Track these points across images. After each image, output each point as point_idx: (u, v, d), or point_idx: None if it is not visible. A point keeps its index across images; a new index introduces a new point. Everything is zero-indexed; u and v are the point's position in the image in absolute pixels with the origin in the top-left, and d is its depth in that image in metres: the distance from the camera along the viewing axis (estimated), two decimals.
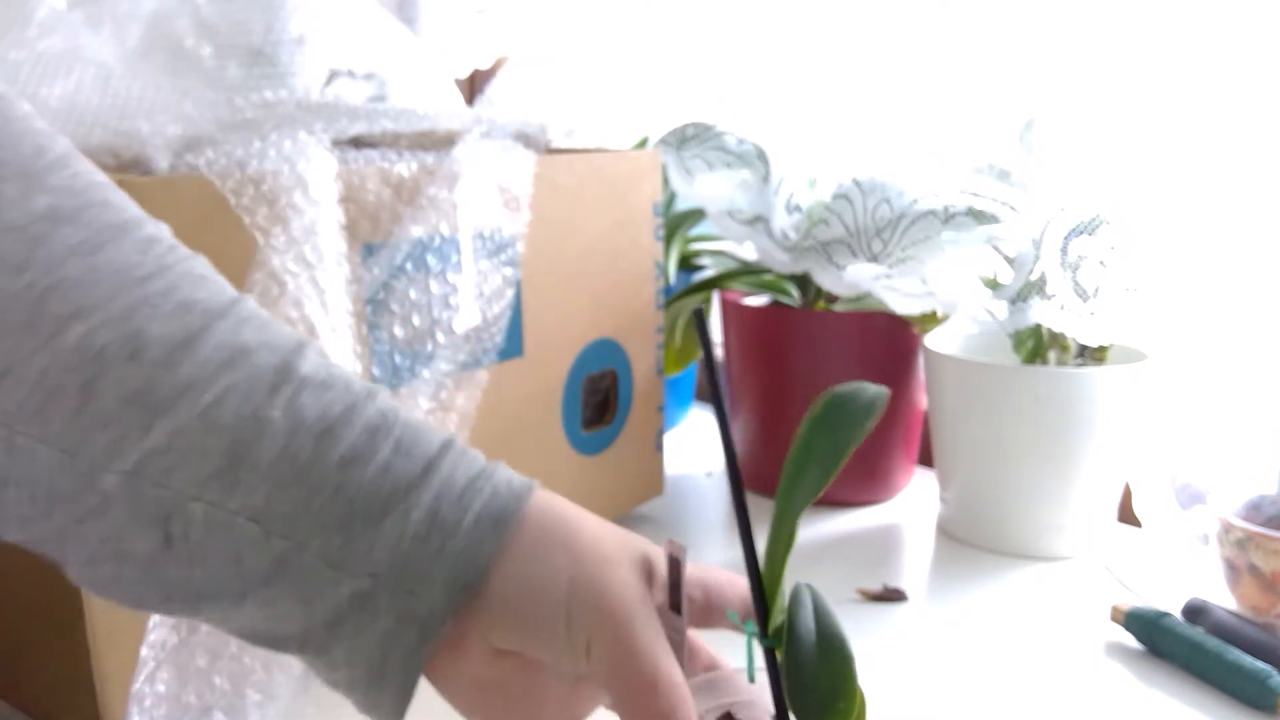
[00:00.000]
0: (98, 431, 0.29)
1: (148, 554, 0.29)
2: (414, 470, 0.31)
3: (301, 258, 0.49)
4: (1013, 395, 0.67)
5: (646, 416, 0.76)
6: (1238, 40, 0.68)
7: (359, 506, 0.30)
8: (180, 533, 0.29)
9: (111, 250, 0.30)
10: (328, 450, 0.30)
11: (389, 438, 0.31)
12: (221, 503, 0.29)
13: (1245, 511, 0.62)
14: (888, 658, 0.58)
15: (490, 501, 0.32)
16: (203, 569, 0.30)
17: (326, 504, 0.30)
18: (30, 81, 0.46)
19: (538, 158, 0.63)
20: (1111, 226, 0.64)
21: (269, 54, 0.53)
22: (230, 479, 0.29)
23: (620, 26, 1.06)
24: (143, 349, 0.29)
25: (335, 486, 0.30)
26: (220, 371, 0.30)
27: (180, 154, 0.48)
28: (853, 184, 0.72)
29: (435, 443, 0.32)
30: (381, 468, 0.30)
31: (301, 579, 0.30)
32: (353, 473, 0.30)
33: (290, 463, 0.29)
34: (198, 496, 0.29)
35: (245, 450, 0.29)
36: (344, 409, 0.31)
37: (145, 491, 0.29)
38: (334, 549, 0.30)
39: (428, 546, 0.30)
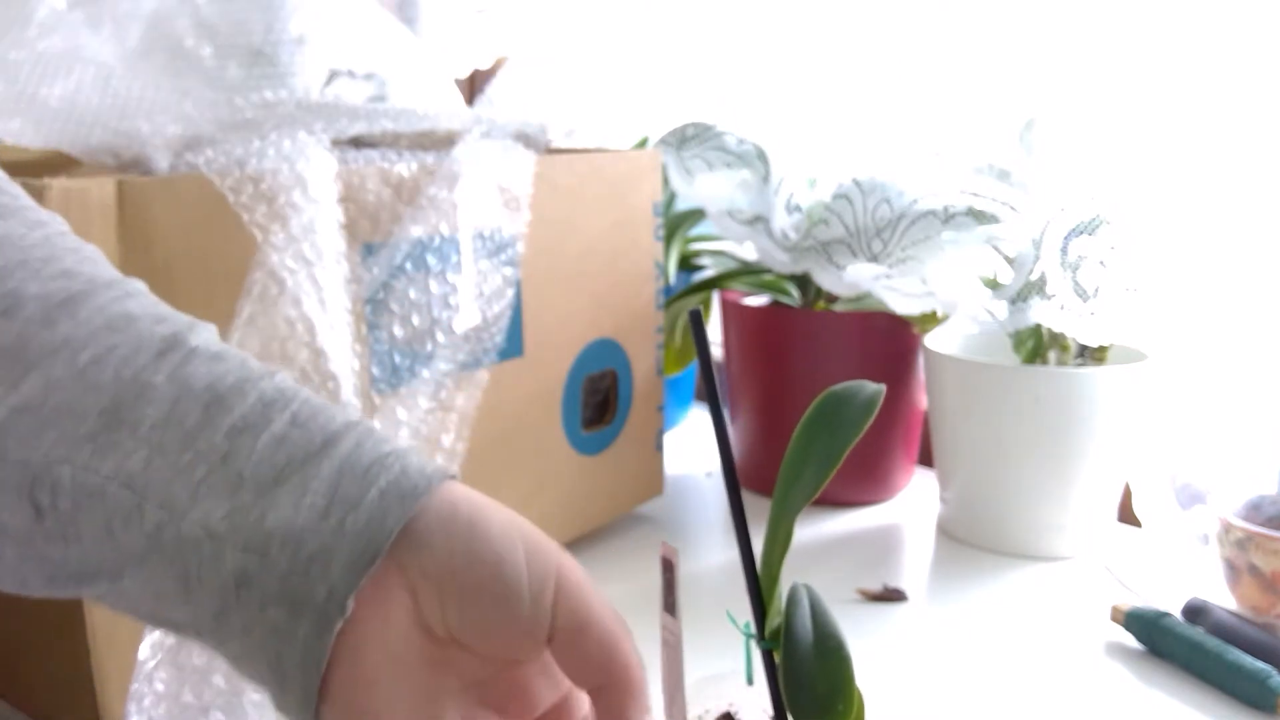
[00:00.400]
0: None
1: (20, 529, 0.28)
2: (313, 443, 0.28)
3: (300, 255, 0.49)
4: (1013, 395, 0.67)
5: (646, 416, 0.76)
6: (1238, 40, 0.68)
7: (248, 475, 0.27)
8: (48, 502, 0.27)
9: (2, 224, 0.30)
10: (216, 418, 0.28)
11: (285, 410, 0.29)
12: (93, 465, 0.27)
13: (1245, 511, 0.62)
14: (888, 658, 0.58)
15: (399, 479, 0.29)
16: (78, 545, 0.28)
17: (211, 472, 0.27)
18: (30, 81, 0.46)
19: (538, 158, 0.63)
20: (1111, 226, 0.64)
21: (269, 54, 0.53)
22: (105, 441, 0.27)
23: (620, 26, 1.06)
24: (17, 306, 0.28)
25: (223, 455, 0.27)
26: (101, 333, 0.28)
27: (180, 154, 0.48)
28: (853, 184, 0.72)
29: (339, 420, 0.30)
30: (276, 438, 0.28)
31: (179, 553, 0.27)
32: (243, 441, 0.28)
33: (174, 428, 0.27)
34: (67, 459, 0.27)
35: (124, 411, 0.27)
36: (236, 380, 0.29)
37: (9, 452, 0.27)
38: (216, 518, 0.27)
39: (326, 521, 0.27)
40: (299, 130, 0.50)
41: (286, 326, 0.49)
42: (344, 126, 0.53)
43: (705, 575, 0.69)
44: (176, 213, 0.46)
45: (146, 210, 0.45)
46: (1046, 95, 0.76)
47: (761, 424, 0.82)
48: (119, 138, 0.47)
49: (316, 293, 0.49)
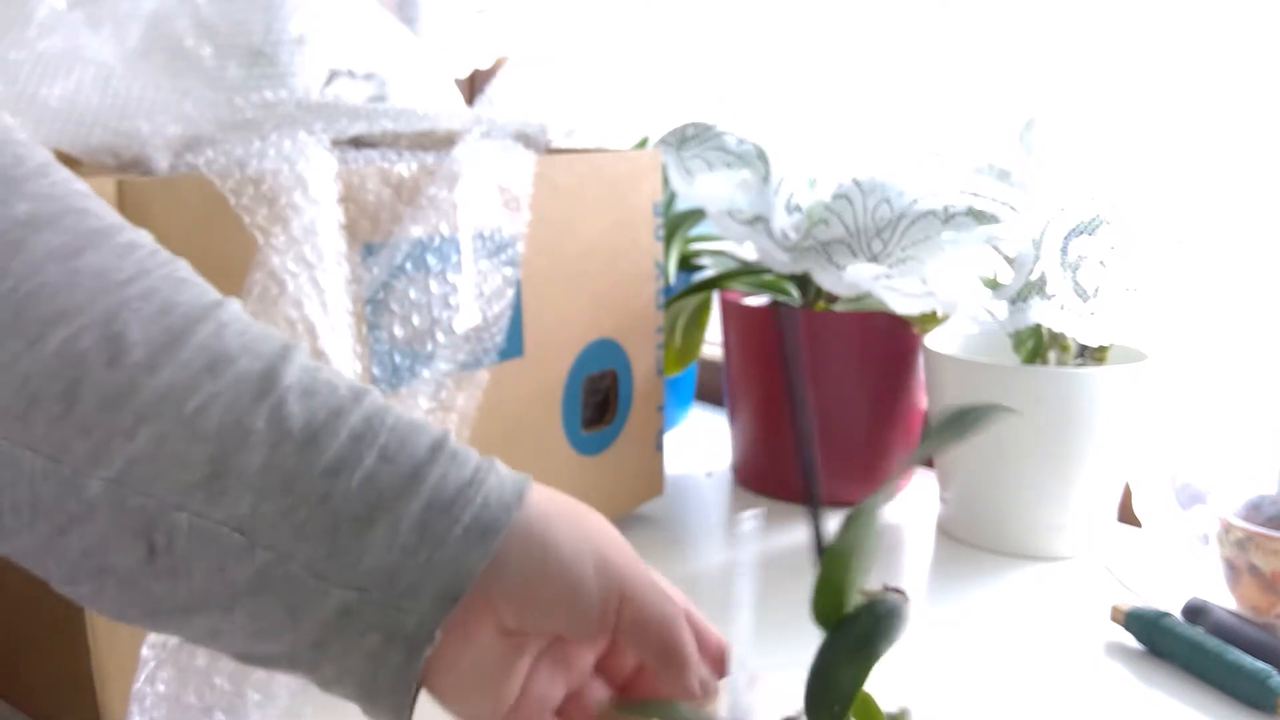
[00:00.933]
0: (80, 437, 0.28)
1: (129, 568, 0.29)
2: (400, 478, 0.31)
3: (301, 257, 0.49)
4: (1013, 395, 0.67)
5: (646, 416, 0.76)
6: (1238, 40, 0.68)
7: (345, 516, 0.30)
8: (164, 544, 0.29)
9: (91, 255, 0.30)
10: (312, 460, 0.30)
11: (374, 445, 0.31)
12: (206, 512, 0.29)
13: (1245, 511, 0.62)
14: (887, 658, 0.58)
15: (481, 512, 0.31)
16: (187, 581, 0.29)
17: (312, 514, 0.29)
18: (30, 81, 0.46)
19: (538, 158, 0.63)
20: (1111, 226, 0.64)
21: (269, 54, 0.53)
22: (215, 488, 0.29)
23: (620, 26, 1.06)
24: (124, 352, 0.29)
25: (320, 496, 0.29)
26: (202, 377, 0.29)
27: (180, 154, 0.48)
28: (853, 184, 0.72)
29: (423, 447, 0.32)
30: (367, 476, 0.30)
31: (287, 590, 0.29)
32: (338, 482, 0.30)
33: (275, 472, 0.29)
34: (181, 506, 0.29)
35: (229, 459, 0.29)
36: (329, 415, 0.30)
37: (129, 500, 0.29)
38: (320, 559, 0.29)
39: (415, 559, 0.30)
40: (299, 130, 0.50)
41: (287, 327, 0.49)
42: (344, 126, 0.53)
43: (705, 575, 0.69)
44: (176, 213, 0.46)
45: (146, 210, 0.45)
46: (1046, 95, 0.76)
47: (761, 424, 0.82)
48: (119, 138, 0.47)
49: (317, 294, 0.49)
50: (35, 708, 0.52)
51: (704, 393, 1.09)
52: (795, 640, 0.40)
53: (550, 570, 0.32)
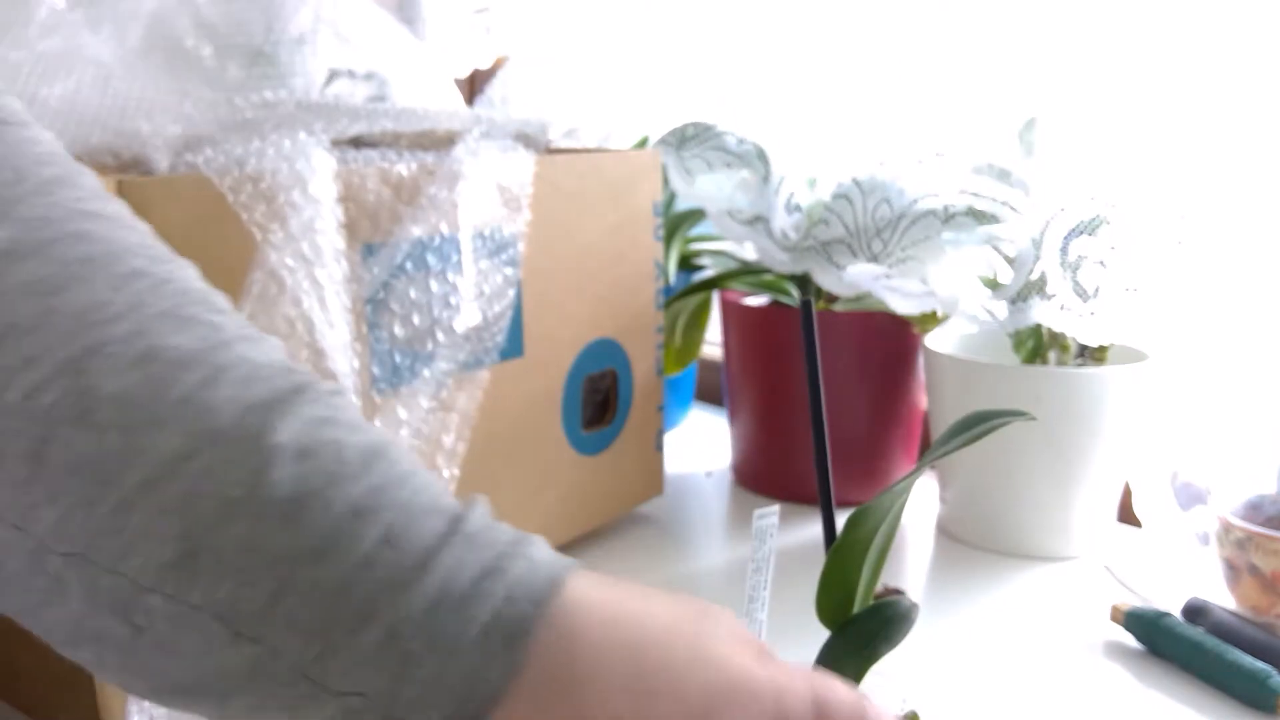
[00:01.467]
0: (46, 506, 0.25)
1: (122, 638, 0.25)
2: (405, 566, 0.25)
3: (300, 254, 0.49)
4: (1013, 395, 0.67)
5: (646, 416, 0.76)
6: (1238, 40, 0.68)
7: (336, 610, 0.25)
8: (145, 624, 0.25)
9: (76, 289, 0.26)
10: (299, 538, 0.25)
11: (377, 523, 0.25)
12: (182, 596, 0.25)
13: (1245, 511, 0.62)
14: (887, 657, 0.58)
15: (503, 609, 0.25)
16: (180, 661, 0.25)
17: (299, 604, 0.25)
18: (30, 81, 0.46)
19: (538, 158, 0.63)
20: (1111, 226, 0.64)
21: (269, 54, 0.53)
22: (189, 569, 0.25)
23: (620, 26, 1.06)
24: (93, 409, 0.25)
25: (309, 584, 0.25)
26: (176, 437, 0.25)
27: (180, 154, 0.48)
28: (853, 184, 0.72)
29: (438, 526, 0.26)
30: (364, 562, 0.25)
31: (280, 690, 0.25)
32: (328, 568, 0.25)
33: (256, 553, 0.25)
34: (154, 588, 0.25)
35: (205, 535, 0.25)
36: (324, 484, 0.25)
37: (98, 579, 0.25)
38: (311, 660, 0.25)
39: (423, 669, 0.25)
40: (299, 130, 0.50)
41: (286, 326, 0.49)
42: (344, 126, 0.53)
43: (705, 575, 0.69)
44: (176, 213, 0.46)
45: (146, 210, 0.45)
46: (1046, 95, 0.76)
47: (761, 424, 0.82)
48: (119, 138, 0.47)
49: (316, 292, 0.49)
50: (35, 708, 0.52)
51: (704, 393, 1.09)
52: (796, 639, 0.40)
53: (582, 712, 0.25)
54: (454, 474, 0.59)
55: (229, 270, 0.48)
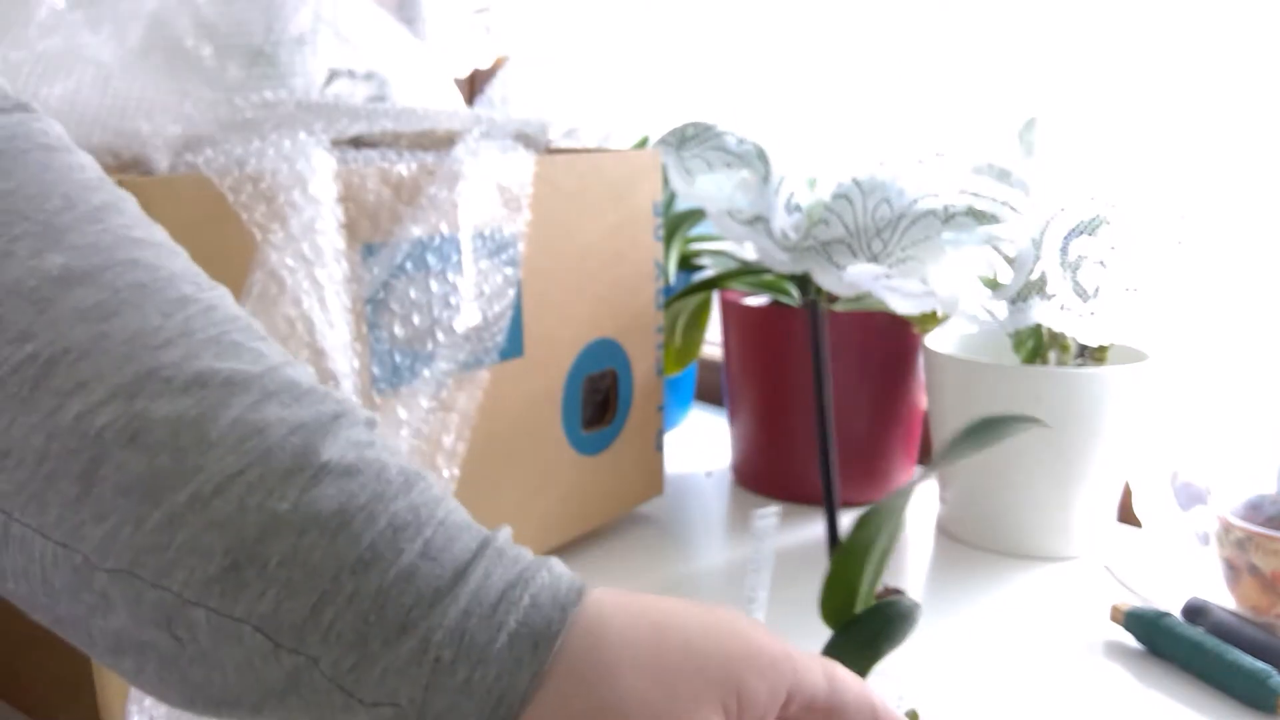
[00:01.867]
0: (94, 524, 0.25)
1: (165, 649, 0.26)
2: (442, 578, 0.26)
3: (300, 254, 0.49)
4: (1013, 395, 0.67)
5: (646, 416, 0.76)
6: (1238, 40, 0.68)
7: (374, 620, 0.26)
8: (188, 637, 0.26)
9: (128, 314, 0.27)
10: (343, 551, 0.26)
11: (418, 538, 0.27)
12: (225, 609, 0.25)
13: (1245, 511, 0.62)
14: (887, 658, 0.58)
15: (529, 615, 0.27)
16: (220, 674, 0.26)
17: (339, 615, 0.26)
18: (30, 81, 0.46)
19: (538, 158, 0.63)
20: (1111, 226, 0.64)
21: (269, 54, 0.53)
22: (234, 581, 0.25)
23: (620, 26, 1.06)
24: (144, 431, 0.26)
25: (350, 595, 0.26)
26: (227, 456, 0.26)
27: (180, 154, 0.48)
28: (853, 184, 0.72)
29: (473, 543, 0.28)
30: (405, 574, 0.26)
31: (314, 700, 0.26)
32: (369, 579, 0.26)
33: (300, 565, 0.26)
34: (199, 602, 0.25)
35: (250, 549, 0.25)
36: (369, 499, 0.27)
37: (143, 593, 0.26)
38: (345, 670, 0.26)
39: (454, 677, 0.26)
40: (299, 130, 0.50)
41: (286, 326, 0.49)
42: (344, 126, 0.53)
43: (705, 575, 0.69)
44: (176, 213, 0.46)
45: (146, 210, 0.45)
46: (1046, 95, 0.76)
47: (761, 424, 0.82)
48: (119, 138, 0.47)
49: (316, 292, 0.49)
50: (35, 708, 0.52)
51: (704, 393, 1.09)
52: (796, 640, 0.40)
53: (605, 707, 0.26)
54: (454, 474, 0.59)
55: (229, 270, 0.48)
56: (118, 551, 0.25)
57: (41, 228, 0.27)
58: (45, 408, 0.26)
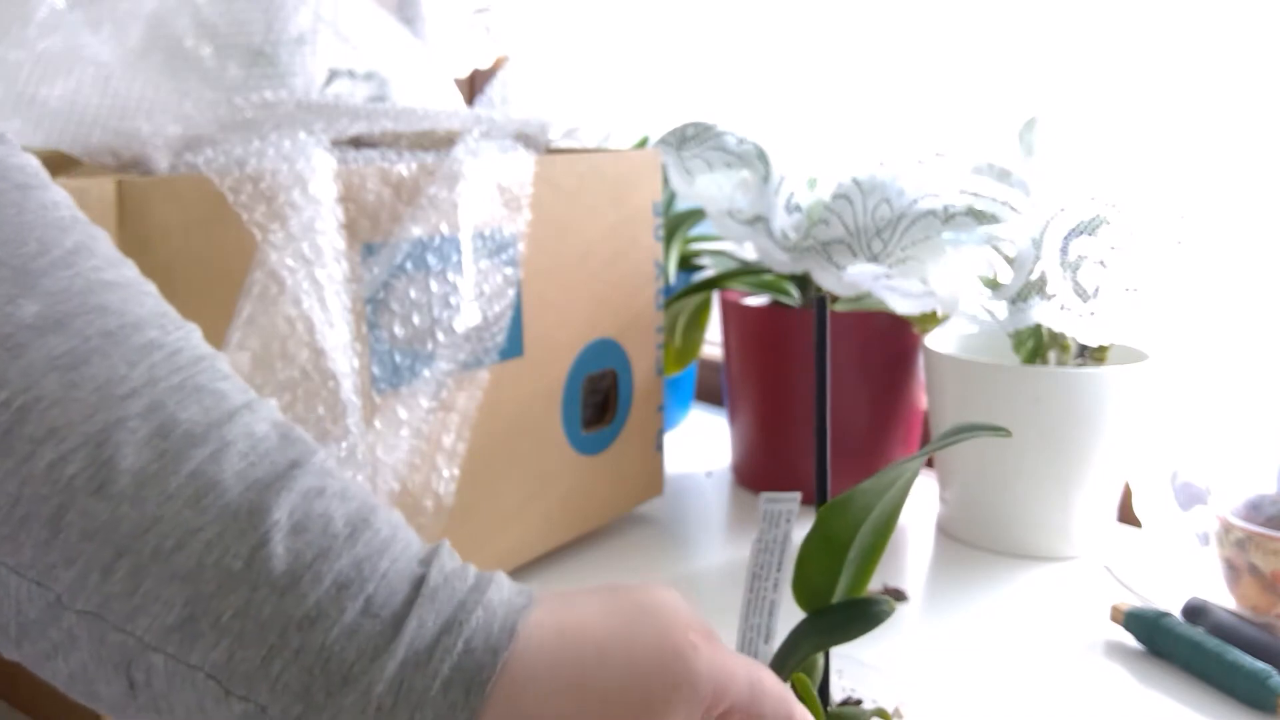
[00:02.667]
0: (64, 566, 0.27)
1: (115, 699, 0.28)
2: (381, 632, 0.28)
3: (300, 254, 0.49)
4: (1013, 395, 0.67)
5: (646, 416, 0.76)
6: (1238, 40, 0.68)
7: (319, 673, 0.27)
8: (143, 680, 0.28)
9: (97, 362, 0.28)
10: (290, 608, 0.28)
11: (359, 595, 0.28)
12: (182, 656, 0.27)
13: (1245, 511, 0.62)
14: (887, 658, 0.58)
15: (462, 660, 0.28)
16: (170, 717, 0.28)
17: (286, 667, 0.27)
18: (30, 81, 0.46)
19: (538, 158, 0.63)
20: (1111, 226, 0.64)
21: (269, 54, 0.53)
22: (191, 631, 0.27)
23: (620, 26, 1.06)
24: (110, 481, 0.27)
25: (296, 649, 0.27)
26: (185, 512, 0.28)
27: (180, 154, 0.48)
28: (853, 184, 0.72)
29: (408, 587, 0.29)
30: (346, 631, 0.28)
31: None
32: (314, 635, 0.28)
33: (251, 619, 0.27)
34: (158, 648, 0.27)
35: (206, 602, 0.27)
36: (315, 557, 0.28)
37: (108, 636, 0.27)
38: (292, 718, 0.27)
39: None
40: (299, 130, 0.50)
41: (286, 325, 0.49)
42: (344, 126, 0.53)
43: (705, 575, 0.69)
44: (176, 213, 0.46)
45: (146, 210, 0.45)
46: (1046, 95, 0.76)
47: (761, 424, 0.82)
48: (119, 138, 0.47)
49: (316, 292, 0.49)
50: (35, 708, 0.52)
51: (704, 393, 1.09)
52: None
53: None
54: (454, 474, 0.59)
55: (229, 270, 0.48)
56: (87, 594, 0.27)
57: (15, 273, 0.29)
58: (19, 454, 0.27)
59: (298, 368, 0.49)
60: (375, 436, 0.54)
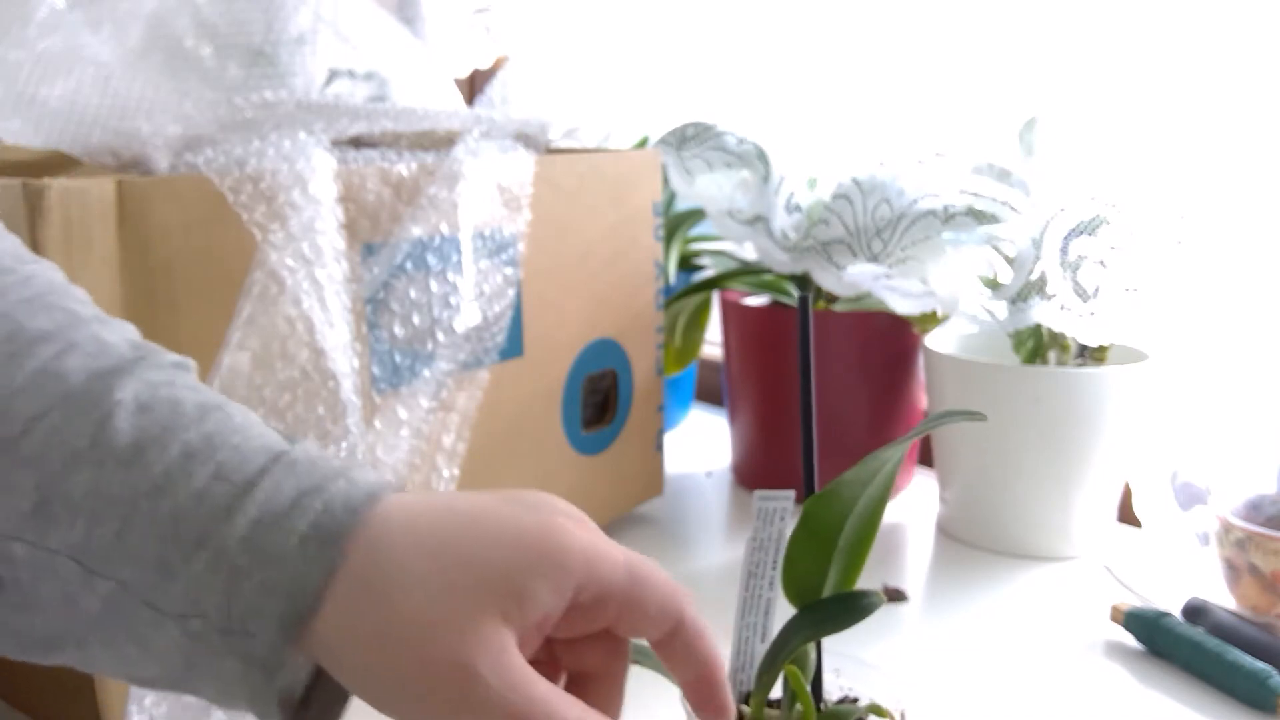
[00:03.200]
0: None
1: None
2: (231, 494, 0.28)
3: (300, 254, 0.49)
4: (1013, 395, 0.67)
5: (646, 416, 0.76)
6: (1238, 40, 0.68)
7: (171, 539, 0.28)
8: (9, 575, 0.28)
9: None
10: (138, 480, 0.28)
11: (210, 461, 0.28)
12: (41, 541, 0.28)
13: (1245, 511, 0.62)
14: (888, 658, 0.58)
15: (320, 519, 0.28)
16: (41, 614, 0.28)
17: (140, 538, 0.28)
18: (30, 81, 0.46)
19: (538, 158, 0.63)
20: (1111, 226, 0.64)
21: (269, 54, 0.53)
22: (45, 515, 0.28)
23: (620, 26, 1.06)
24: None
25: (147, 518, 0.28)
26: (30, 400, 0.28)
27: (180, 154, 0.48)
28: (853, 184, 0.72)
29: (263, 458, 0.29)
30: (195, 495, 0.28)
31: (130, 621, 0.28)
32: (163, 502, 0.28)
33: (101, 496, 0.28)
34: (17, 536, 0.28)
35: (56, 484, 0.28)
36: (160, 431, 0.29)
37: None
38: (150, 588, 0.28)
39: (250, 581, 0.27)
40: (299, 130, 0.50)
41: (286, 325, 0.49)
42: (344, 126, 0.53)
43: (704, 575, 0.69)
44: (176, 213, 0.46)
45: (146, 210, 0.45)
46: (1046, 95, 0.76)
47: (761, 424, 0.82)
48: (119, 138, 0.47)
49: (316, 292, 0.49)
50: (35, 708, 0.52)
51: (704, 393, 1.09)
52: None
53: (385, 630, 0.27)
54: (454, 474, 0.59)
55: (229, 270, 0.48)
56: None
57: None
58: None
59: (298, 368, 0.49)
60: (375, 436, 0.54)
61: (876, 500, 0.38)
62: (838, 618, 0.38)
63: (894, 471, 0.37)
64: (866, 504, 0.38)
